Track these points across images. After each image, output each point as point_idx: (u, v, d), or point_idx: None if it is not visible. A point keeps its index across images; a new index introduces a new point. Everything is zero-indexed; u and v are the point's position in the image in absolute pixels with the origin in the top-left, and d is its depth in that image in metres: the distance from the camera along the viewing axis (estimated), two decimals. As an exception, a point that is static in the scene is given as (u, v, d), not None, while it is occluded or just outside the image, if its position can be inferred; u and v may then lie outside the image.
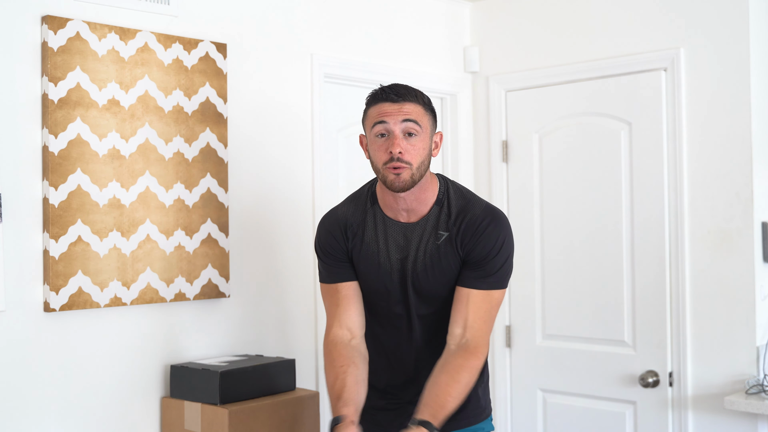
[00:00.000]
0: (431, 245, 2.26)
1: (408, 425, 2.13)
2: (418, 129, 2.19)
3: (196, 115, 3.00)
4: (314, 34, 3.45)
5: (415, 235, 2.28)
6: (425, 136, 2.22)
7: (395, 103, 2.20)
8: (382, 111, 2.20)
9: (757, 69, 3.28)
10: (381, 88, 2.24)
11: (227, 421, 2.68)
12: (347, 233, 2.33)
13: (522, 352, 3.91)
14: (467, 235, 2.25)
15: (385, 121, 2.19)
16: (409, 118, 2.18)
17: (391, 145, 2.17)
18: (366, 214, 2.34)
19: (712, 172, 3.33)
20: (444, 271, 2.27)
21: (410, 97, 2.21)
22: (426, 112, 2.24)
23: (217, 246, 3.05)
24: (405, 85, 2.26)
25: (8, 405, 2.59)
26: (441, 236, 2.26)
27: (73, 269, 2.69)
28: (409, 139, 2.19)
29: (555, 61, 3.78)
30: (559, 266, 3.78)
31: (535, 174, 3.86)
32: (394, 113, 2.18)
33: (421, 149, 2.20)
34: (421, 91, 2.27)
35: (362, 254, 2.31)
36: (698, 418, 3.36)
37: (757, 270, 3.25)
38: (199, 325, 3.04)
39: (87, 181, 2.73)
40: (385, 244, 2.30)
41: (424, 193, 2.27)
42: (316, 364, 3.39)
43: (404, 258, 2.29)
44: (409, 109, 2.19)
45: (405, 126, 2.18)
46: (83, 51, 2.73)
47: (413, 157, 2.18)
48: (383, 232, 2.31)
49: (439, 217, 2.28)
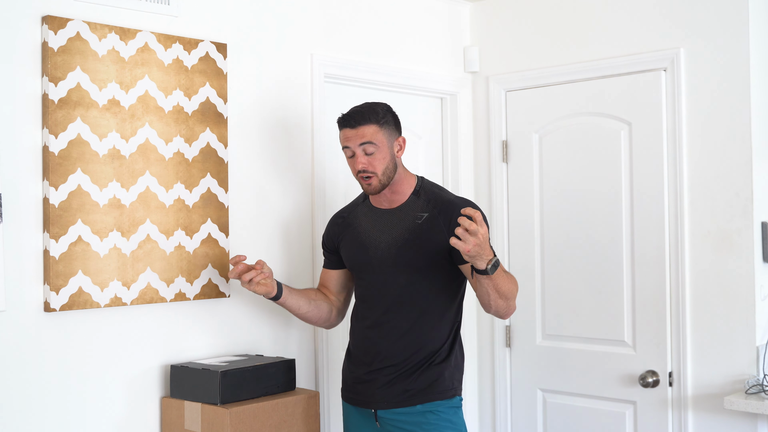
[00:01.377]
0: (410, 224, 2.78)
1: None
2: (374, 147, 2.74)
3: (196, 115, 3.00)
4: (314, 34, 3.45)
5: (395, 218, 2.82)
6: (383, 148, 2.75)
7: (353, 128, 2.75)
8: (346, 136, 2.78)
9: (757, 69, 3.28)
10: (343, 116, 2.79)
11: (227, 421, 2.68)
12: (340, 227, 2.95)
13: (522, 352, 3.91)
14: (449, 213, 2.73)
15: (347, 146, 2.78)
16: (365, 141, 2.73)
17: (355, 162, 2.77)
18: (358, 207, 2.96)
19: (712, 172, 3.33)
20: (423, 244, 2.75)
21: (364, 121, 2.74)
22: (381, 128, 2.75)
23: (217, 246, 3.05)
24: (361, 108, 2.78)
25: (8, 405, 2.59)
26: (421, 216, 2.77)
27: (74, 269, 2.69)
28: (369, 156, 2.74)
29: (555, 61, 3.78)
30: (559, 266, 3.78)
31: (535, 174, 3.86)
32: (353, 137, 2.75)
33: (381, 159, 2.75)
34: (376, 109, 2.77)
35: (354, 235, 2.88)
36: (698, 418, 3.36)
37: (757, 270, 3.25)
38: (199, 325, 3.04)
39: (87, 181, 2.73)
40: (373, 227, 2.86)
41: (400, 187, 2.83)
42: (315, 364, 3.39)
43: (387, 236, 2.82)
44: (364, 131, 2.74)
45: (363, 147, 2.74)
46: (83, 51, 2.73)
47: (376, 167, 2.75)
48: (371, 217, 2.89)
49: (416, 203, 2.81)
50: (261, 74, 3.25)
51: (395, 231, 2.80)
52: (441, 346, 2.80)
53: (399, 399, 2.78)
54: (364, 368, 2.85)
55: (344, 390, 2.96)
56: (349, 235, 2.92)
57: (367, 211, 2.91)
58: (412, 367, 2.78)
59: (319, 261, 3.39)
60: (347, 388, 2.94)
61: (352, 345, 2.96)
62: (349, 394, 2.92)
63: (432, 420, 2.76)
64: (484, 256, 2.45)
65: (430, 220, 2.76)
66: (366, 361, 2.85)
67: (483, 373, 4.02)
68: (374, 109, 2.78)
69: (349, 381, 2.93)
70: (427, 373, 2.78)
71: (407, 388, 2.78)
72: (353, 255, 2.91)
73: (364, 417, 2.87)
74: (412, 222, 2.78)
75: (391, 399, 2.79)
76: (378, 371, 2.81)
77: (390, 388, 2.79)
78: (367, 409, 2.85)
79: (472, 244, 2.38)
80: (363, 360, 2.87)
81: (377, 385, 2.81)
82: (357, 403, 2.88)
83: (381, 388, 2.80)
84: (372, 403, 2.82)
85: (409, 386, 2.77)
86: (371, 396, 2.82)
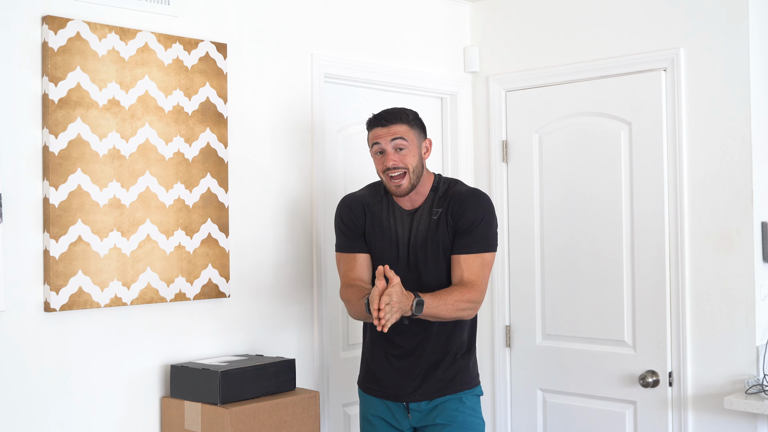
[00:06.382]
0: (428, 222, 2.85)
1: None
2: (405, 144, 2.80)
3: (196, 115, 3.00)
4: (314, 34, 3.45)
5: (416, 217, 2.87)
6: (413, 146, 2.82)
7: (384, 126, 2.81)
8: (376, 134, 2.83)
9: (757, 69, 3.28)
10: (373, 116, 2.85)
11: (227, 421, 2.68)
12: (365, 211, 2.93)
13: (522, 352, 3.91)
14: (455, 207, 2.81)
15: (378, 142, 2.82)
16: (397, 136, 2.79)
17: (385, 159, 2.80)
18: (381, 200, 2.94)
19: (712, 172, 3.33)
20: (437, 242, 2.83)
21: (396, 119, 2.81)
22: (412, 128, 2.83)
23: (217, 246, 3.05)
24: (392, 110, 2.86)
25: (8, 405, 2.59)
26: (436, 213, 2.84)
27: (74, 269, 2.69)
28: (399, 152, 2.79)
29: (555, 61, 3.78)
30: (559, 266, 3.78)
31: (535, 174, 3.86)
32: (385, 135, 2.81)
33: (412, 157, 2.81)
34: (406, 111, 2.85)
35: (379, 230, 2.89)
36: (698, 418, 3.36)
37: (757, 270, 3.25)
38: (199, 325, 3.05)
39: (87, 181, 2.73)
40: (395, 224, 2.90)
41: (423, 188, 2.88)
42: (316, 364, 3.39)
43: (409, 234, 2.87)
44: (396, 129, 2.80)
45: (394, 143, 2.80)
46: (83, 51, 2.73)
47: (408, 163, 2.80)
48: (393, 215, 2.91)
49: (433, 200, 2.87)
50: (261, 74, 3.25)
51: (418, 229, 2.86)
52: (464, 337, 2.91)
53: (431, 391, 2.86)
54: (394, 362, 2.89)
55: (368, 382, 2.98)
56: (376, 226, 2.91)
57: (391, 208, 2.91)
58: (442, 360, 2.87)
59: (319, 261, 3.39)
60: (372, 381, 2.96)
61: (376, 339, 2.95)
62: (374, 386, 2.95)
63: (460, 408, 2.86)
64: (405, 307, 2.57)
65: (442, 217, 2.84)
66: (397, 354, 2.89)
67: (483, 373, 4.01)
68: (404, 111, 2.86)
69: (373, 374, 2.95)
70: (454, 365, 2.88)
71: (438, 379, 2.86)
72: (380, 249, 2.89)
73: (393, 410, 2.92)
74: (429, 219, 2.84)
75: (423, 393, 2.86)
76: (410, 365, 2.87)
77: (422, 382, 2.86)
78: (397, 402, 2.90)
79: (396, 311, 2.52)
80: (392, 353, 2.90)
81: (410, 379, 2.87)
82: (386, 396, 2.91)
83: (413, 382, 2.86)
84: (403, 396, 2.88)
85: (440, 377, 2.86)
86: (403, 390, 2.87)
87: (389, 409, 2.93)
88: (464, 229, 2.80)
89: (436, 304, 2.65)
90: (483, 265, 2.80)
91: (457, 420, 2.85)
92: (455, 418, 2.85)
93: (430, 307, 2.64)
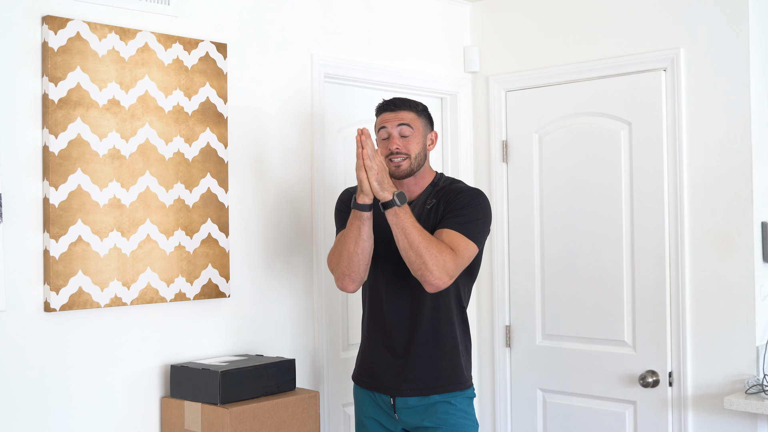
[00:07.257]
0: (421, 210, 2.85)
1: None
2: (410, 131, 2.83)
3: (196, 115, 3.00)
4: (314, 34, 3.45)
5: (412, 206, 2.87)
6: (418, 134, 2.85)
7: (392, 112, 2.85)
8: (384, 119, 2.86)
9: (757, 69, 3.28)
10: (383, 102, 2.89)
11: (227, 421, 2.68)
12: None
13: (522, 351, 3.91)
14: (450, 196, 2.82)
15: (384, 126, 2.85)
16: (403, 122, 2.83)
17: (389, 143, 2.83)
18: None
19: (712, 172, 3.33)
20: (429, 230, 2.78)
21: (405, 106, 2.85)
22: (419, 117, 2.87)
23: (217, 246, 3.05)
24: (402, 98, 2.90)
25: (8, 405, 2.59)
26: (430, 203, 2.85)
27: (74, 269, 2.69)
28: (404, 138, 2.83)
29: (555, 61, 3.78)
30: (559, 266, 3.78)
31: (535, 174, 3.86)
32: (392, 119, 2.84)
33: (416, 144, 2.83)
34: (416, 102, 2.89)
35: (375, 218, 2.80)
36: (698, 418, 3.36)
37: (757, 270, 3.25)
38: (199, 325, 3.05)
39: (87, 181, 2.73)
40: None
41: (422, 180, 2.91)
42: (316, 364, 3.39)
43: None
44: (403, 115, 2.84)
45: (400, 129, 2.83)
46: (83, 51, 2.73)
47: (410, 149, 2.82)
48: None
49: (430, 193, 2.89)
50: (261, 74, 3.25)
51: None
52: (456, 335, 2.87)
53: (421, 387, 2.82)
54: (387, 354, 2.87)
55: (361, 374, 2.97)
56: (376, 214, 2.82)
57: None
58: (433, 356, 2.83)
59: (319, 261, 3.40)
60: (364, 373, 2.95)
61: (372, 332, 2.94)
62: (366, 378, 2.94)
63: (450, 410, 2.82)
64: (386, 185, 2.62)
65: (436, 207, 2.83)
66: (390, 346, 2.87)
67: (483, 373, 4.02)
68: (414, 101, 2.90)
69: (365, 365, 2.95)
70: (446, 361, 2.84)
71: (429, 374, 2.82)
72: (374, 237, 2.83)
73: (379, 404, 2.90)
74: (423, 208, 2.85)
75: (413, 387, 2.83)
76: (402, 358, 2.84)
77: (413, 376, 2.83)
78: (384, 396, 2.87)
79: (377, 170, 2.59)
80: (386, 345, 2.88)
81: (401, 371, 2.84)
82: (376, 388, 2.90)
83: (403, 375, 2.83)
84: (392, 389, 2.85)
85: (431, 372, 2.83)
86: (393, 382, 2.85)
87: (380, 407, 2.89)
88: (453, 209, 2.77)
89: (414, 222, 2.63)
90: (466, 247, 2.71)
91: (449, 422, 2.81)
92: (446, 420, 2.81)
93: (409, 215, 2.63)
